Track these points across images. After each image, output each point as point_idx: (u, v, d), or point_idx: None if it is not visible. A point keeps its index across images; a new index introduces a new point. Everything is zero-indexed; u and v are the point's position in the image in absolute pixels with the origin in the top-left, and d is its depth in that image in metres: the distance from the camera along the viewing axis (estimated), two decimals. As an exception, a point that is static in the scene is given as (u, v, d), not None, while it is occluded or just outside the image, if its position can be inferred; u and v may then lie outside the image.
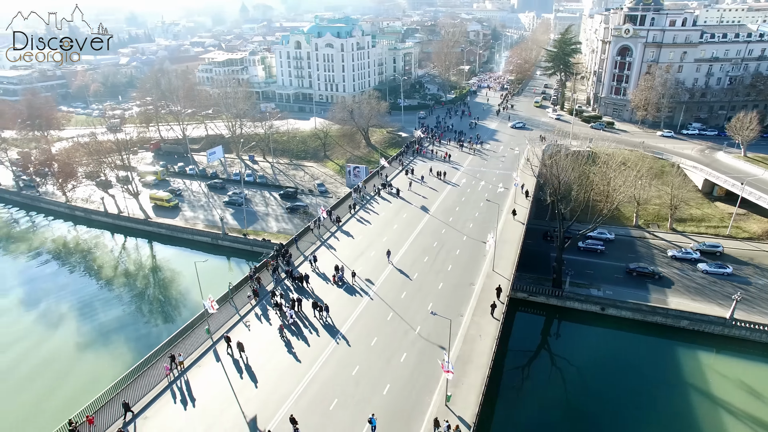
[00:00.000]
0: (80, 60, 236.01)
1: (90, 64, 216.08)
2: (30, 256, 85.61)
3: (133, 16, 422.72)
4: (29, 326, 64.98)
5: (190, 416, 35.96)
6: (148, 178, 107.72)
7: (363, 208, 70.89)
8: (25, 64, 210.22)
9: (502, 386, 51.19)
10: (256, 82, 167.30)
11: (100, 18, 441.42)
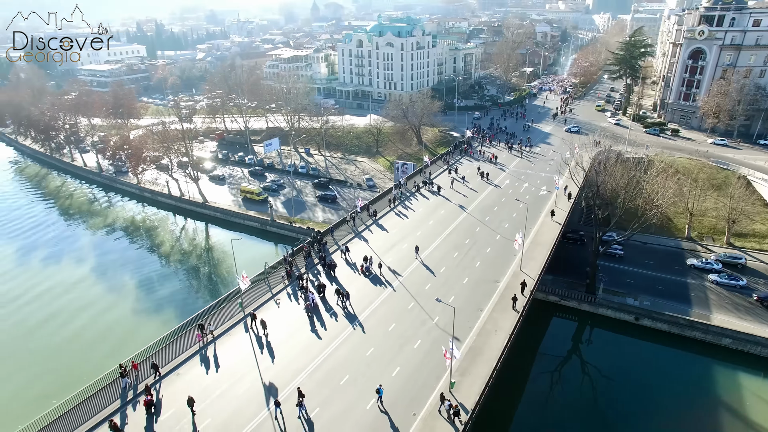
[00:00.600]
0: (162, 55, 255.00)
1: (170, 59, 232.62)
2: (104, 230, 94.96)
3: (213, 14, 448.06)
4: (97, 288, 73.21)
5: (214, 378, 39.67)
6: (207, 164, 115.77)
7: (402, 204, 72.72)
8: (117, 59, 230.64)
9: (528, 388, 51.48)
10: (318, 79, 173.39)
11: (184, 16, 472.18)
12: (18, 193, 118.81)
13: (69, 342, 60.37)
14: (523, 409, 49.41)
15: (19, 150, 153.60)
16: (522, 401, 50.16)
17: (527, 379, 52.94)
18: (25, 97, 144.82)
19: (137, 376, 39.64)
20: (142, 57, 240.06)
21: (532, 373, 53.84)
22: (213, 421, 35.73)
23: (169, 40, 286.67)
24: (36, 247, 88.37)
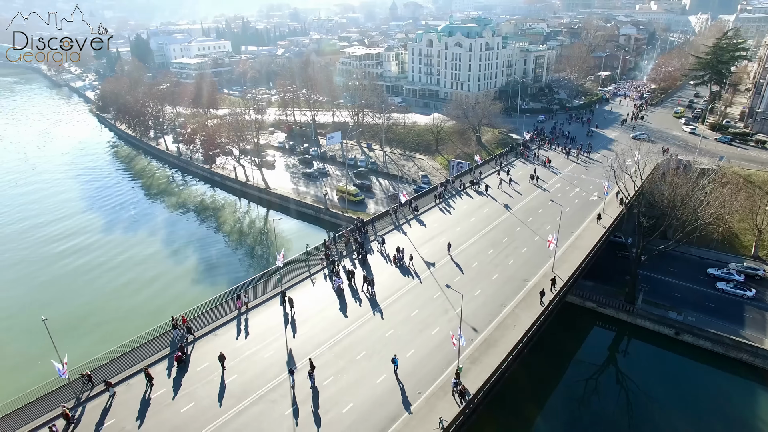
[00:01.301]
0: (246, 50, 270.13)
1: (252, 54, 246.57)
2: (176, 208, 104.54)
3: (296, 12, 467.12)
4: (164, 258, 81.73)
5: (244, 342, 44.11)
6: (269, 153, 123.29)
7: (447, 200, 74.21)
8: (205, 53, 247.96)
9: (557, 393, 51.40)
10: (387, 77, 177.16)
11: (270, 14, 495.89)
12: (112, 172, 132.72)
13: (140, 301, 67.94)
14: (548, 413, 49.31)
15: (116, 134, 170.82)
16: (549, 405, 49.93)
17: (557, 383, 52.70)
18: (123, 87, 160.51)
19: (186, 328, 44.89)
20: (227, 52, 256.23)
21: (564, 379, 53.59)
22: (239, 377, 39.81)
23: (254, 36, 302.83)
24: (120, 220, 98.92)
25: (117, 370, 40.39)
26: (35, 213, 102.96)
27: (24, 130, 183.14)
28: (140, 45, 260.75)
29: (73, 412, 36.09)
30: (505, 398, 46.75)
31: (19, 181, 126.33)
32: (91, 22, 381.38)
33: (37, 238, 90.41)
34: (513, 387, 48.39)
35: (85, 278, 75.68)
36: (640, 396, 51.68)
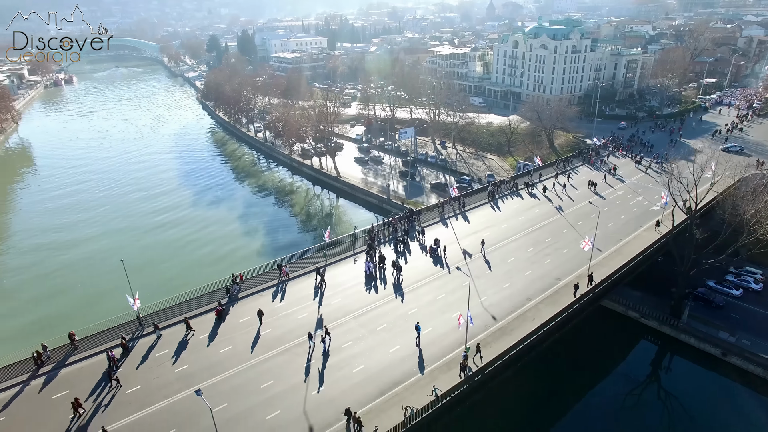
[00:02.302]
0: (341, 47, 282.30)
1: (345, 51, 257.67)
2: (256, 188, 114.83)
3: (394, 11, 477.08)
4: (235, 231, 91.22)
5: (280, 304, 49.93)
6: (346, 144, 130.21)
7: (500, 199, 75.41)
8: (301, 49, 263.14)
9: (588, 401, 50.77)
10: (471, 77, 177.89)
11: (369, 12, 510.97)
12: (207, 154, 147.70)
13: (208, 263, 76.99)
14: (580, 420, 48.93)
15: (215, 119, 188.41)
16: (577, 411, 49.59)
17: (589, 391, 52.01)
18: (224, 77, 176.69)
19: (241, 285, 51.90)
20: (322, 48, 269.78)
21: (597, 387, 52.59)
22: (272, 332, 45.41)
23: (349, 34, 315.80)
24: (207, 197, 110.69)
25: (170, 315, 47.63)
26: (142, 186, 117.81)
27: (143, 113, 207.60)
28: (245, 40, 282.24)
29: (129, 344, 43.50)
30: (532, 397, 48.56)
31: (134, 157, 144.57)
32: (209, 19, 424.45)
33: (139, 208, 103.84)
34: (540, 387, 49.79)
35: (169, 244, 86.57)
36: (680, 416, 49.75)
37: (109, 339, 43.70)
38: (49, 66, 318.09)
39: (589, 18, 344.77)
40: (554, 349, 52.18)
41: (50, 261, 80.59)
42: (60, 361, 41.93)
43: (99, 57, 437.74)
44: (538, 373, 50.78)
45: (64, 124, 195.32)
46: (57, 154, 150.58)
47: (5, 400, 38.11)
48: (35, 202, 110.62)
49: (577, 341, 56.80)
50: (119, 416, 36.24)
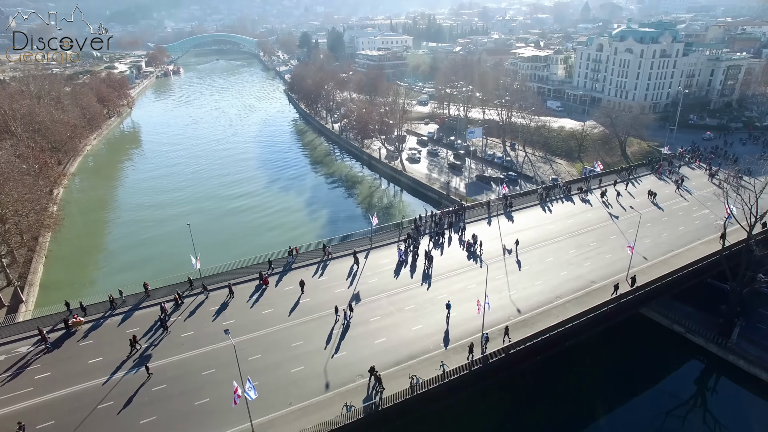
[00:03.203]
0: (426, 46, 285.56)
1: (430, 50, 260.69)
2: (326, 176, 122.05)
3: (485, 11, 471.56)
4: (301, 213, 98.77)
5: (322, 279, 54.86)
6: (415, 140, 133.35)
7: (552, 201, 75.44)
8: (386, 47, 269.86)
9: (618, 416, 49.61)
10: (552, 80, 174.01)
11: (459, 12, 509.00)
12: (286, 142, 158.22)
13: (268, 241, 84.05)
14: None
15: (297, 111, 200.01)
16: (611, 422, 48.69)
17: (623, 402, 51.05)
18: (309, 72, 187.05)
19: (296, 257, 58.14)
20: (407, 46, 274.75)
21: (634, 400, 51.19)
22: (310, 301, 50.39)
23: (436, 34, 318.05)
24: (280, 180, 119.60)
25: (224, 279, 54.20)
26: (225, 169, 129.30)
27: (235, 103, 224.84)
28: (335, 37, 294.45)
29: (181, 300, 50.42)
30: (552, 395, 49.80)
31: (222, 142, 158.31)
32: (305, 16, 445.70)
33: (220, 189, 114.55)
34: (562, 387, 50.73)
35: (239, 219, 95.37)
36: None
37: (170, 293, 50.87)
38: (161, 58, 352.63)
39: (698, 20, 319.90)
40: (582, 350, 52.70)
41: (143, 229, 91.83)
42: (135, 305, 49.80)
43: (204, 51, 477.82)
44: (559, 371, 51.56)
45: (166, 110, 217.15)
46: (158, 137, 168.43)
47: (90, 329, 46.41)
48: (137, 180, 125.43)
49: (612, 347, 56.56)
50: (166, 355, 43.01)
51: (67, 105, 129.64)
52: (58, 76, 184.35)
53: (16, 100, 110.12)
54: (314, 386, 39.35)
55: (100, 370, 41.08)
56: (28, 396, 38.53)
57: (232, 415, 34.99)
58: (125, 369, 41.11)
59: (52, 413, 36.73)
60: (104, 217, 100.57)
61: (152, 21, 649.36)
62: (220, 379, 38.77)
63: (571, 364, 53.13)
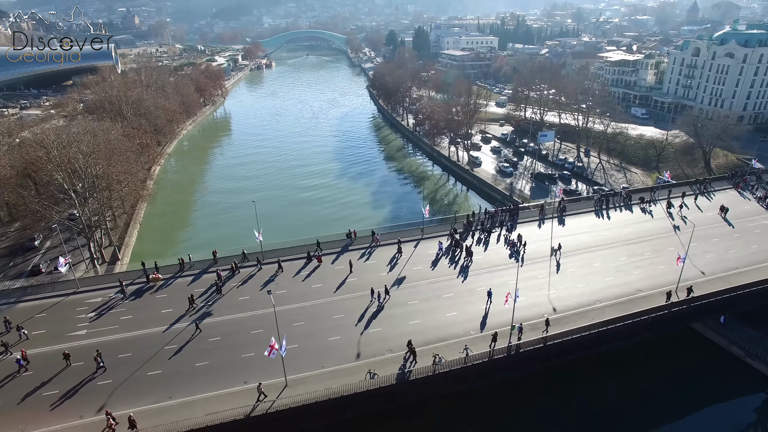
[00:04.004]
0: (512, 47, 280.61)
1: (515, 51, 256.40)
2: (395, 170, 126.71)
3: (579, 12, 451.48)
4: (366, 202, 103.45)
5: (369, 262, 58.83)
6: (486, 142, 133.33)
7: (610, 209, 73.91)
8: (470, 47, 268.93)
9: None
10: (639, 86, 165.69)
11: (552, 12, 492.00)
12: (361, 136, 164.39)
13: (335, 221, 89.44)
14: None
15: (377, 107, 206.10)
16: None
17: (669, 422, 48.99)
18: (390, 69, 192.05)
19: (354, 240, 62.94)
20: (491, 47, 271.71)
21: (683, 421, 48.94)
22: (357, 280, 54.54)
23: (524, 35, 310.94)
24: (351, 172, 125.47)
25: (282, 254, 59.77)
26: (302, 160, 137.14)
27: (319, 97, 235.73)
28: (420, 36, 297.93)
29: (237, 269, 56.55)
30: (577, 401, 49.84)
31: (303, 133, 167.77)
32: (395, 15, 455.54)
33: (293, 179, 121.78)
34: (610, 401, 49.87)
35: (308, 211, 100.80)
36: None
37: (224, 264, 57.38)
38: (256, 52, 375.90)
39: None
40: (624, 358, 52.29)
41: (221, 209, 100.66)
42: (204, 269, 56.74)
43: (296, 46, 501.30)
44: (597, 377, 51.48)
45: (255, 101, 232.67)
46: (245, 126, 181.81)
47: (164, 285, 53.87)
48: (222, 164, 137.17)
49: (659, 361, 54.62)
50: (223, 314, 49.25)
51: (170, 93, 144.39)
52: (165, 67, 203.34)
53: (129, 88, 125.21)
54: (346, 354, 43.32)
55: (167, 318, 48.21)
56: (114, 332, 46.27)
57: (271, 368, 39.77)
58: (185, 321, 47.79)
59: (129, 347, 43.93)
60: (191, 194, 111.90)
61: (252, 17, 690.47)
62: (266, 338, 43.46)
63: (610, 370, 52.62)
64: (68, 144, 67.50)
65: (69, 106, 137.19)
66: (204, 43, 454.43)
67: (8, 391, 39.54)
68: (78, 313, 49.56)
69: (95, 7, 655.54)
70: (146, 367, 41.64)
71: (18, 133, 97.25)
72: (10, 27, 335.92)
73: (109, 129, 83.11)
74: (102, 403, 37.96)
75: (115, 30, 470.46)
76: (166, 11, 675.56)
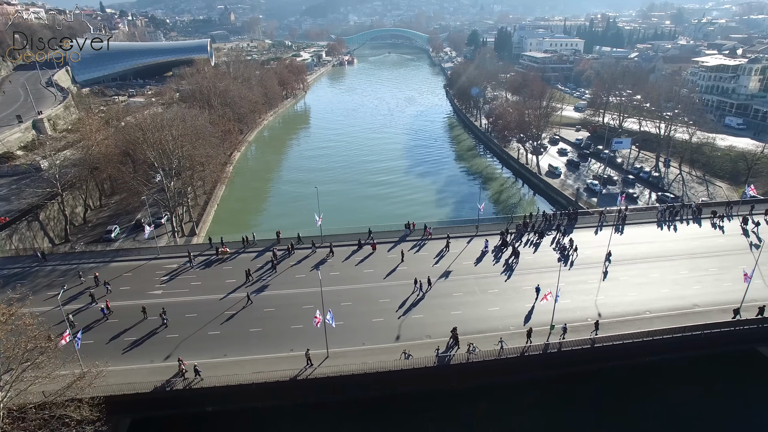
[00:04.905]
0: (599, 50, 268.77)
1: (602, 55, 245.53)
2: (464, 170, 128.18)
3: (680, 12, 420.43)
4: (430, 199, 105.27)
5: (419, 252, 60.99)
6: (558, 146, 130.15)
7: (677, 221, 70.58)
8: (554, 49, 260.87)
9: None
10: (738, 94, 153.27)
11: (649, 13, 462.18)
12: (434, 134, 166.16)
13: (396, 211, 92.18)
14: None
15: (452, 106, 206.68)
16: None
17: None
18: (465, 69, 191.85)
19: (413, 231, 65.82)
20: (576, 50, 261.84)
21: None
22: (407, 269, 56.97)
23: (613, 37, 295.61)
24: (419, 168, 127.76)
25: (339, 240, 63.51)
26: (373, 155, 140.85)
27: (397, 94, 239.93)
28: (502, 36, 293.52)
29: (293, 250, 61.05)
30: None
31: (377, 129, 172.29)
32: (480, 14, 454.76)
33: (361, 174, 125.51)
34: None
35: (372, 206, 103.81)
36: None
37: (282, 244, 62.11)
38: (340, 49, 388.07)
39: None
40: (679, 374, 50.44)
41: (290, 198, 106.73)
42: (267, 247, 61.79)
43: (378, 44, 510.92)
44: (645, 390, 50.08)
45: (334, 95, 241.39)
46: (322, 120, 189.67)
47: (230, 258, 59.46)
48: (298, 155, 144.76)
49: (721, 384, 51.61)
50: (279, 288, 53.87)
51: (254, 85, 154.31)
52: (253, 61, 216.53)
53: (218, 80, 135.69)
54: (387, 336, 45.95)
55: (228, 287, 53.73)
56: (184, 294, 52.39)
57: (316, 340, 43.17)
58: (241, 292, 52.68)
59: (195, 309, 49.60)
60: (266, 182, 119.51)
61: (339, 15, 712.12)
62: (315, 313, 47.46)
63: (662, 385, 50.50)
64: (161, 127, 75.63)
65: (167, 95, 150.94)
66: (292, 39, 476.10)
67: (98, 332, 46.60)
68: (156, 276, 56.31)
69: (198, 5, 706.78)
70: (207, 327, 46.94)
71: (123, 118, 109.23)
72: (128, 25, 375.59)
73: (196, 116, 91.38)
74: (169, 353, 43.47)
75: (213, 26, 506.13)
76: (260, 8, 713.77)
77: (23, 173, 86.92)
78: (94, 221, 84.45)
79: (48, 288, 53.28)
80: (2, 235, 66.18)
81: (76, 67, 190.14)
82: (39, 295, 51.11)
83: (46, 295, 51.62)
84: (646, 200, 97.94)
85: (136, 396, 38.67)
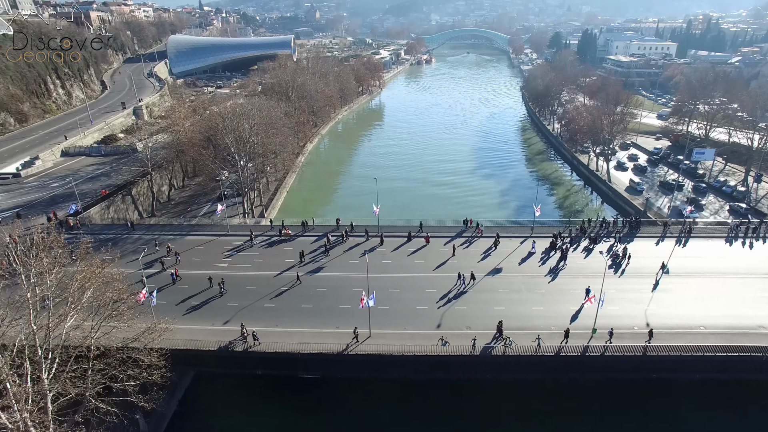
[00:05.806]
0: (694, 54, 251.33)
1: (694, 59, 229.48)
2: (531, 173, 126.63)
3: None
4: (493, 199, 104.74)
5: (470, 248, 61.93)
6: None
7: (753, 239, 66.01)
8: (641, 53, 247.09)
9: None
10: None
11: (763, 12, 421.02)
12: (504, 136, 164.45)
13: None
14: None
15: (527, 109, 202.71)
16: None
17: None
18: (543, 72, 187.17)
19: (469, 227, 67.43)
20: (666, 54, 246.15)
21: None
22: (456, 263, 58.15)
23: (712, 40, 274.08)
24: (485, 170, 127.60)
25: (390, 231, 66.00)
26: (441, 155, 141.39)
27: (472, 95, 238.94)
28: (586, 39, 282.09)
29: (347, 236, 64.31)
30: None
31: (448, 130, 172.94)
32: (566, 15, 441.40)
33: (427, 173, 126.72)
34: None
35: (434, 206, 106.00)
36: None
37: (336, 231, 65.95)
38: (419, 48, 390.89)
39: None
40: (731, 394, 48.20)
41: (357, 191, 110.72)
42: (326, 232, 65.66)
43: (458, 44, 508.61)
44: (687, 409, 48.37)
45: (409, 93, 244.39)
46: (395, 117, 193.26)
47: (290, 239, 64.06)
48: (369, 150, 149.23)
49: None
50: (330, 271, 57.44)
51: (331, 80, 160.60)
52: (333, 58, 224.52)
53: (298, 74, 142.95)
54: (428, 323, 47.88)
55: (286, 266, 58.14)
56: (246, 269, 57.44)
57: (361, 319, 46.00)
58: (293, 271, 56.71)
59: (255, 282, 54.32)
60: (335, 175, 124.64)
61: (421, 14, 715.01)
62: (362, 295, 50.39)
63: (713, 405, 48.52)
64: (240, 116, 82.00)
65: (249, 87, 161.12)
66: (373, 36, 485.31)
67: (170, 294, 52.66)
68: (224, 250, 61.95)
69: (286, 3, 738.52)
70: (264, 300, 51.37)
71: (209, 107, 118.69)
72: (221, 21, 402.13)
73: (273, 107, 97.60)
74: (227, 318, 48.32)
75: (298, 23, 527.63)
76: (344, 6, 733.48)
77: (123, 153, 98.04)
78: (177, 199, 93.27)
79: (133, 253, 60.31)
80: (102, 206, 75.44)
81: (173, 59, 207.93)
82: (124, 258, 58.12)
83: (130, 258, 58.60)
84: (714, 209, 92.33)
85: (199, 352, 43.62)
